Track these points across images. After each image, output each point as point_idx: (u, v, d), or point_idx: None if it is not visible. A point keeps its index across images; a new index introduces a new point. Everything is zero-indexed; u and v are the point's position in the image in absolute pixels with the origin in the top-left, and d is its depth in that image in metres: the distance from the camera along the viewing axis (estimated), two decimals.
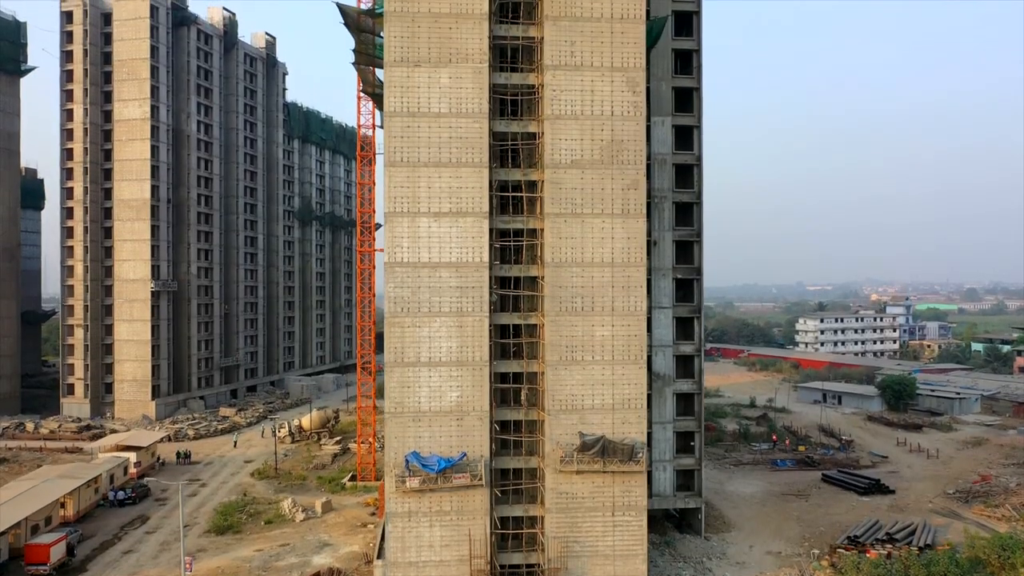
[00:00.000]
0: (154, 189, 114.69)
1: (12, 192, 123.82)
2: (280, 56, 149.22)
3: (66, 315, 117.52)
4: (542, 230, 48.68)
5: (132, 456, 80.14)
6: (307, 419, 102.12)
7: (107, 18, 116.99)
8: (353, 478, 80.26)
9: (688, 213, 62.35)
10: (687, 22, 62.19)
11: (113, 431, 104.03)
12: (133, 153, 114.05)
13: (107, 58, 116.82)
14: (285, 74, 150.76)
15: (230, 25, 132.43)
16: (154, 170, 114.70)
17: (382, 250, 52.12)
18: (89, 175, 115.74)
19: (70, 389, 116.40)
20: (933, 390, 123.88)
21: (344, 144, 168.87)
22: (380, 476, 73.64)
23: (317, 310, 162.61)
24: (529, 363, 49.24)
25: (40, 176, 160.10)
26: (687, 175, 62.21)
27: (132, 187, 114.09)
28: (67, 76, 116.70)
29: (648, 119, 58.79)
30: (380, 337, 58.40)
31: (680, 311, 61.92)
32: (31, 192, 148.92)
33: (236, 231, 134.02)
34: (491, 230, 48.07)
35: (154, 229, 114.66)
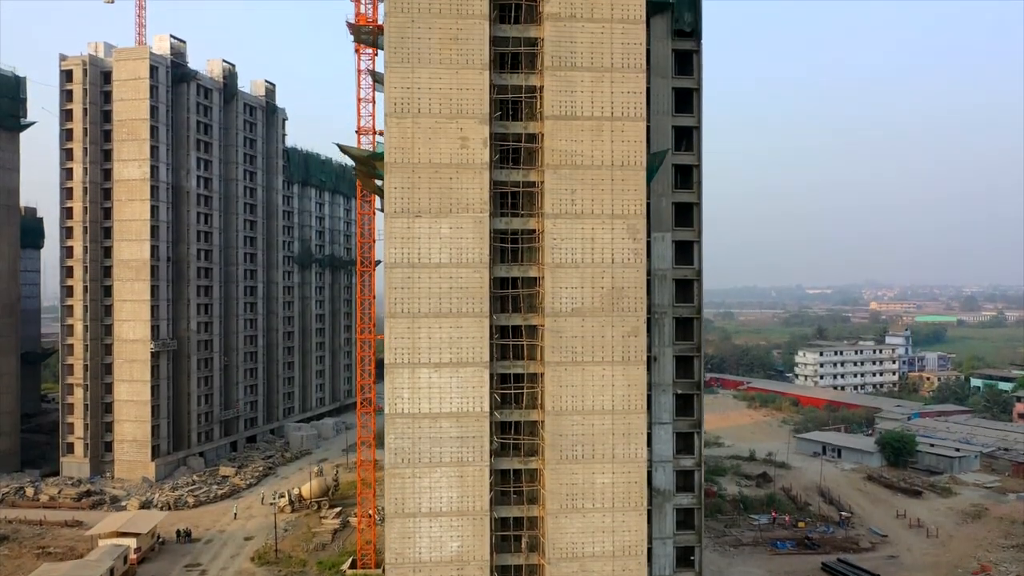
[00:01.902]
0: (154, 249, 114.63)
1: (12, 247, 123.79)
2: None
3: (66, 374, 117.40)
4: (542, 375, 48.73)
5: (132, 543, 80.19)
6: (307, 487, 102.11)
7: (107, 76, 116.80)
8: (353, 564, 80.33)
9: (688, 327, 62.38)
10: (687, 135, 62.19)
11: (114, 499, 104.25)
12: (133, 214, 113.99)
13: (107, 116, 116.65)
14: (284, 119, 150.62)
15: (230, 77, 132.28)
16: (154, 230, 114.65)
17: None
18: (89, 234, 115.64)
19: (69, 448, 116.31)
20: (932, 445, 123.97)
21: (344, 184, 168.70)
22: (380, 560, 73.87)
23: (317, 352, 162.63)
24: (530, 508, 49.30)
25: (40, 215, 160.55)
26: (687, 289, 62.23)
27: (132, 247, 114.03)
28: (67, 135, 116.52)
29: (648, 235, 58.74)
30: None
31: (680, 426, 61.94)
32: (30, 231, 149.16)
33: (236, 282, 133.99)
34: (491, 375, 48.14)
35: (154, 289, 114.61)
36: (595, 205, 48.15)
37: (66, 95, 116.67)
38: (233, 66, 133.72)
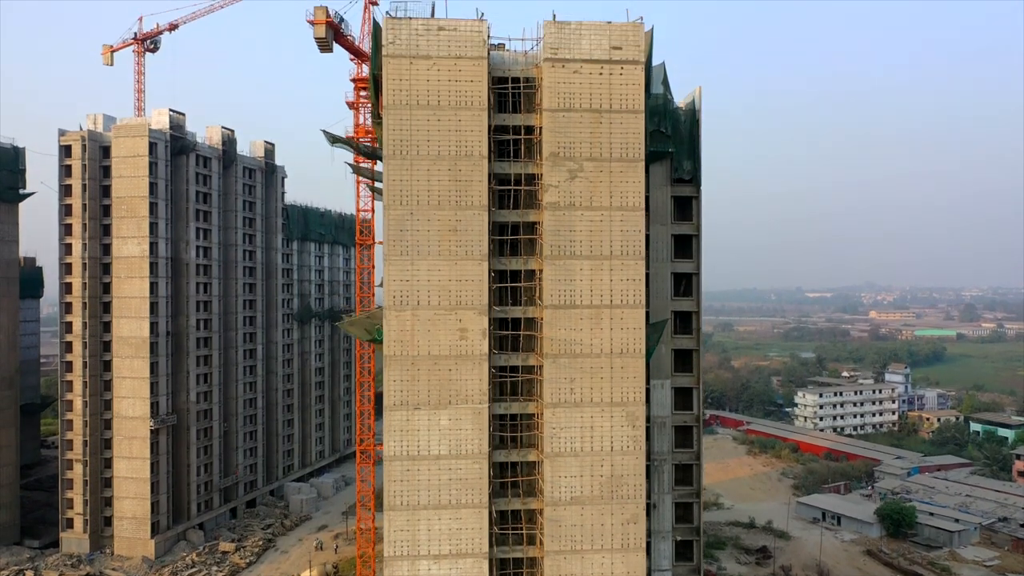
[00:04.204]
0: (153, 325, 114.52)
1: (12, 319, 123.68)
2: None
3: (65, 449, 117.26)
4: (542, 559, 48.73)
5: None
6: (307, 575, 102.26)
7: (106, 151, 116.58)
8: None
9: (688, 472, 62.34)
10: (687, 279, 62.08)
11: None
12: (132, 290, 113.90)
13: (106, 191, 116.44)
14: (284, 177, 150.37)
15: (229, 143, 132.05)
16: (153, 306, 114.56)
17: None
18: (88, 310, 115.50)
19: (69, 523, 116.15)
20: (932, 515, 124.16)
21: (343, 234, 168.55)
22: None
23: (316, 405, 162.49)
24: None
25: (39, 264, 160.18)
26: (687, 435, 62.17)
27: (131, 325, 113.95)
28: (66, 210, 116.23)
29: (647, 382, 58.67)
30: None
31: (680, 571, 61.89)
32: (30, 281, 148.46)
33: (235, 347, 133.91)
34: (491, 561, 48.12)
35: (153, 366, 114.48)
36: (594, 393, 48.12)
37: (65, 170, 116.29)
38: (232, 131, 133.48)
